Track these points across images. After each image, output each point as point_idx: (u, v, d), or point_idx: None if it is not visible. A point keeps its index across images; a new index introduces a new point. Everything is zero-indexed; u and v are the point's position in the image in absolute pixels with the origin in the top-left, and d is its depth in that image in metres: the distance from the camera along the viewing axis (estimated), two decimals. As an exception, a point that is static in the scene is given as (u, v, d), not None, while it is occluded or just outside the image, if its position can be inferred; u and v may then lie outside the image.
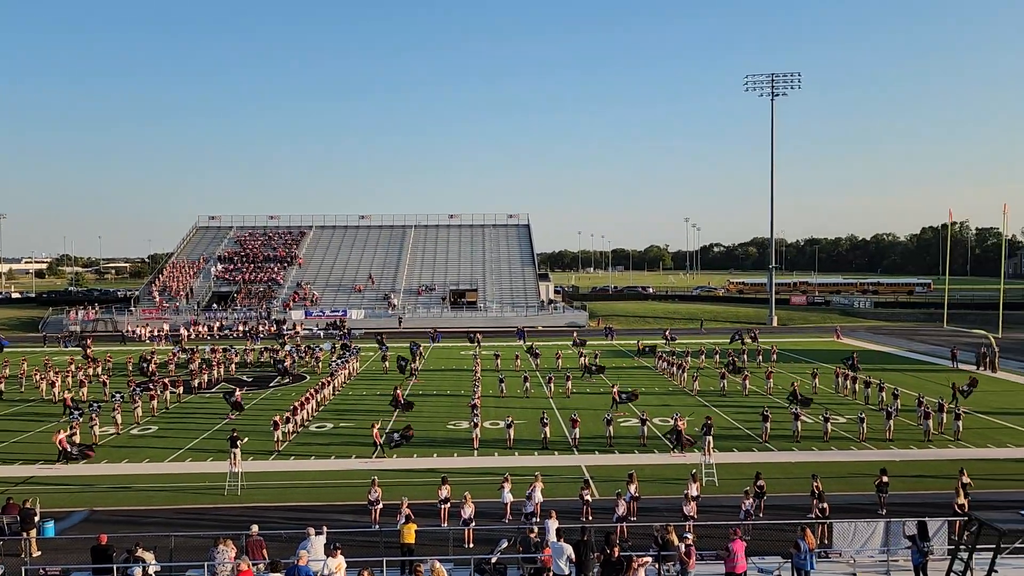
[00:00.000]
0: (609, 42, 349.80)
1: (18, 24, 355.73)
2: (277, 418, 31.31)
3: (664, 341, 63.26)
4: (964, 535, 16.81)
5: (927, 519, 17.40)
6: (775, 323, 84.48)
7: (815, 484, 21.16)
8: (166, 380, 42.19)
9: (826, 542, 18.88)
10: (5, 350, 62.93)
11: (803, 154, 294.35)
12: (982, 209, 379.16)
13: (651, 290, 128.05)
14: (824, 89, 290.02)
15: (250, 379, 48.42)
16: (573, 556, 15.77)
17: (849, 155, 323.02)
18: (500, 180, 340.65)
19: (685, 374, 45.64)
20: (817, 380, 42.95)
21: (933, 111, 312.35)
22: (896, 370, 49.99)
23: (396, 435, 30.07)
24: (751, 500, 20.81)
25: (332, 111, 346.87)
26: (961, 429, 31.64)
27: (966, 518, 17.88)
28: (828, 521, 19.26)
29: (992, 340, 52.52)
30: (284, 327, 76.13)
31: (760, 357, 54.13)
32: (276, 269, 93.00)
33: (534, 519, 19.98)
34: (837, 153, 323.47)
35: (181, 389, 41.85)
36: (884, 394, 37.47)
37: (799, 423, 31.87)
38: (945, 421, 32.68)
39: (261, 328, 75.14)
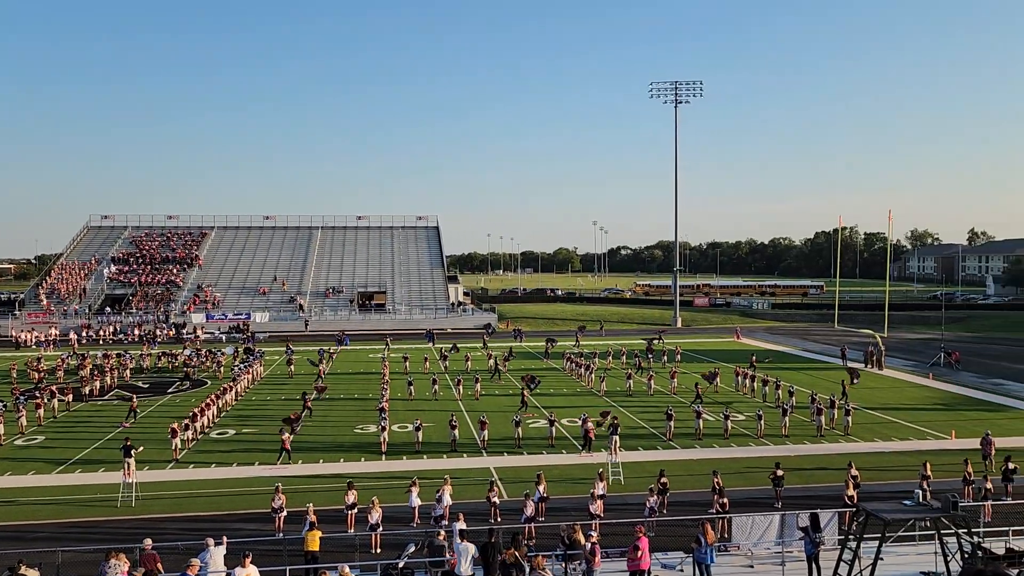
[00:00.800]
0: (519, 42, 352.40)
1: None
2: (175, 425, 30.13)
3: (658, 340, 64.10)
4: (853, 525, 17.68)
5: (819, 511, 18.20)
6: (679, 324, 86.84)
7: (716, 480, 21.86)
8: (54, 388, 40.03)
9: (726, 536, 19.52)
10: None
11: (706, 160, 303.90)
12: (870, 215, 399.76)
13: (560, 292, 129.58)
14: (725, 97, 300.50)
15: (146, 385, 46.47)
16: (477, 556, 15.78)
17: (748, 161, 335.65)
18: (409, 182, 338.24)
19: (592, 375, 46.39)
20: (719, 379, 44.40)
21: (824, 120, 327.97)
22: (791, 368, 52.17)
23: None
24: (655, 497, 21.32)
25: (234, 111, 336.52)
26: (850, 424, 33.31)
27: (854, 509, 18.81)
28: (728, 516, 19.91)
29: (879, 339, 55.44)
30: (184, 331, 73.44)
31: (665, 357, 55.56)
32: (175, 271, 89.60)
33: (443, 522, 19.90)
34: (737, 159, 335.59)
35: (71, 397, 39.75)
36: (780, 392, 39.06)
37: (701, 421, 32.85)
38: (836, 417, 34.32)
39: (159, 332, 72.27)
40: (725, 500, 21.15)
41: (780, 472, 23.57)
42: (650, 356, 55.50)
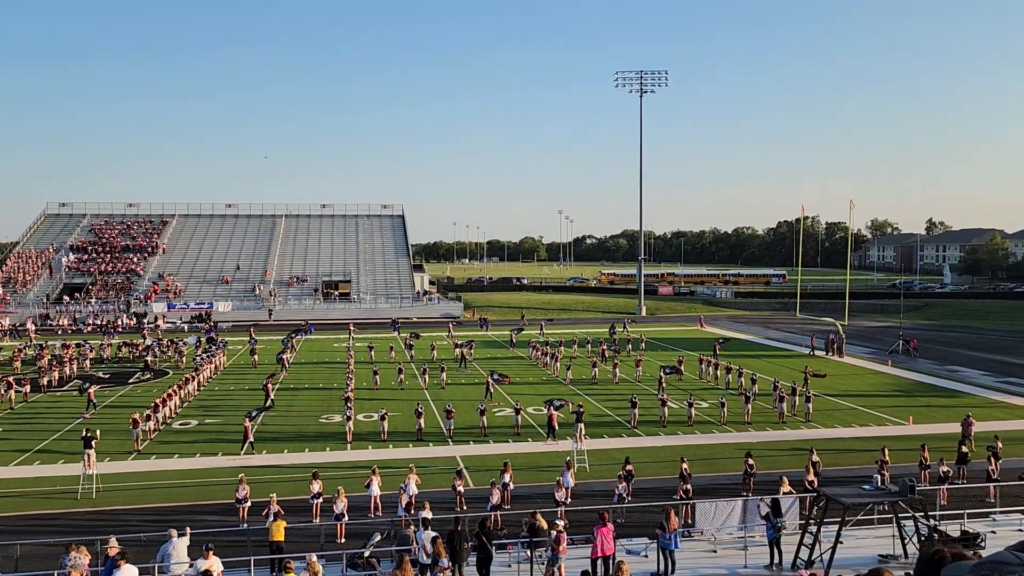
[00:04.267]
0: (484, 29, 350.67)
1: None
2: (136, 416, 29.71)
3: (622, 327, 64.30)
4: (813, 510, 18.04)
5: (780, 496, 18.53)
6: (644, 312, 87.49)
7: (683, 466, 22.13)
8: (10, 379, 39.18)
9: (689, 521, 19.79)
10: None
11: (670, 149, 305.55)
12: (831, 204, 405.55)
13: (526, 281, 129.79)
14: (689, 86, 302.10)
15: (107, 375, 45.70)
16: (429, 548, 15.68)
17: (712, 151, 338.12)
18: (374, 170, 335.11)
19: (558, 363, 46.62)
20: (682, 367, 44.82)
21: (786, 109, 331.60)
22: (754, 356, 52.89)
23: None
24: (623, 484, 21.52)
25: (196, 96, 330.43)
26: (811, 411, 33.90)
27: (815, 494, 19.19)
28: (692, 502, 20.19)
29: (840, 327, 56.43)
30: (145, 320, 72.26)
31: (630, 346, 55.99)
32: (135, 260, 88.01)
33: (410, 511, 19.91)
34: (701, 149, 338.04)
35: (28, 388, 38.98)
36: (743, 379, 39.60)
37: (665, 409, 33.22)
38: (797, 404, 34.91)
39: (119, 322, 71.01)
40: (689, 486, 21.44)
41: (752, 462, 23.90)
42: (615, 345, 55.90)
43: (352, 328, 63.74)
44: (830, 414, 35.03)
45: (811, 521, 17.04)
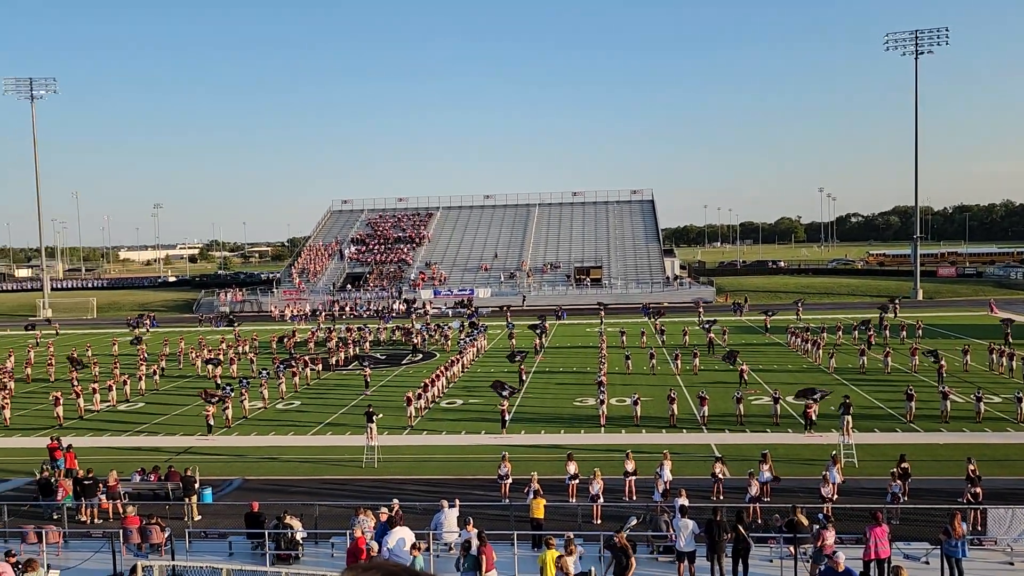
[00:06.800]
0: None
1: (173, 42, 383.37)
2: (410, 394, 32.39)
3: (890, 312, 59.77)
4: None
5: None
6: (920, 296, 79.64)
7: (970, 467, 19.86)
8: (306, 358, 44.39)
9: (979, 529, 17.75)
10: (157, 330, 67.93)
11: (951, 115, 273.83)
12: None
13: (782, 264, 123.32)
14: (972, 45, 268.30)
15: (383, 356, 50.25)
16: (699, 532, 15.53)
17: (1001, 115, 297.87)
18: (623, 156, 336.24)
19: (820, 351, 43.77)
20: (968, 357, 40.13)
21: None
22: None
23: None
24: (898, 483, 19.82)
25: (456, 96, 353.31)
26: None
27: None
28: (982, 507, 18.09)
29: None
30: (414, 306, 78.43)
31: (904, 333, 51.14)
32: (405, 250, 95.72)
33: (665, 497, 19.82)
34: (989, 113, 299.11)
35: (320, 366, 43.94)
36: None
37: (948, 403, 29.97)
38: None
39: (393, 307, 77.70)
40: (979, 490, 19.20)
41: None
42: (885, 330, 51.34)
43: (602, 312, 64.30)
44: None
45: None
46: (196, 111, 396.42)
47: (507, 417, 30.05)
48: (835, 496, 19.76)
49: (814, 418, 28.35)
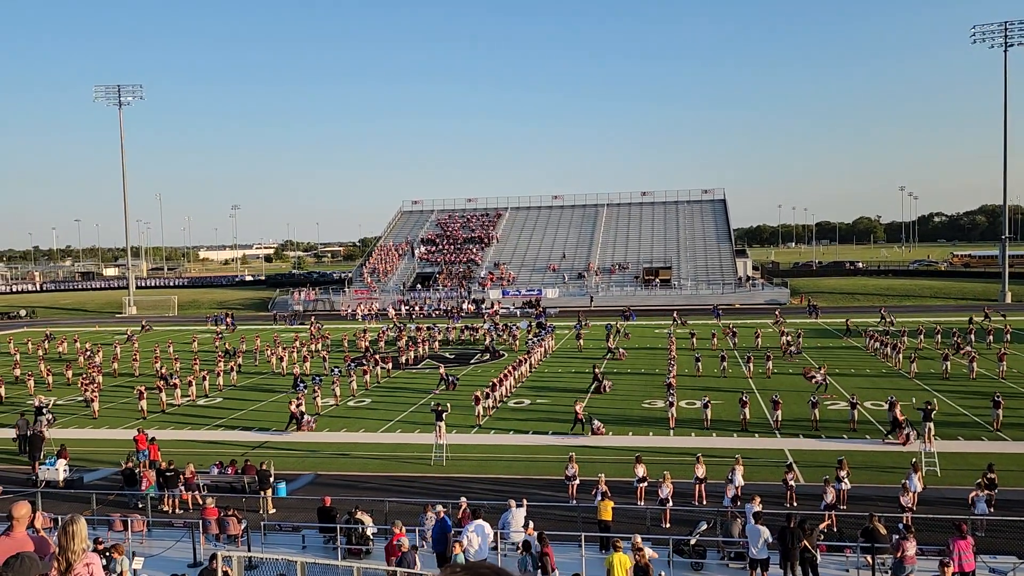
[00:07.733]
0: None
1: (254, 45, 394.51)
2: (478, 393, 32.59)
3: (984, 317, 57.07)
4: None
5: None
6: (1008, 299, 76.18)
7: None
8: (377, 356, 45.11)
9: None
10: (236, 328, 69.99)
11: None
12: None
13: (860, 265, 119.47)
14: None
15: (452, 356, 50.68)
16: (772, 540, 15.19)
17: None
18: (694, 155, 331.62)
19: (900, 355, 42.27)
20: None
21: None
22: None
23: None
24: (984, 493, 18.99)
25: (526, 97, 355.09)
26: None
27: None
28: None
29: None
30: (483, 306, 78.89)
31: (991, 337, 48.98)
32: (474, 250, 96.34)
33: (736, 502, 19.46)
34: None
35: (390, 365, 44.59)
36: None
37: (1038, 411, 28.59)
38: None
39: (461, 307, 78.32)
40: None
41: None
42: (971, 335, 49.23)
43: (675, 315, 63.63)
44: None
45: None
46: (272, 115, 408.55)
47: (582, 418, 29.74)
48: (915, 505, 19.06)
49: (902, 422, 27.05)
